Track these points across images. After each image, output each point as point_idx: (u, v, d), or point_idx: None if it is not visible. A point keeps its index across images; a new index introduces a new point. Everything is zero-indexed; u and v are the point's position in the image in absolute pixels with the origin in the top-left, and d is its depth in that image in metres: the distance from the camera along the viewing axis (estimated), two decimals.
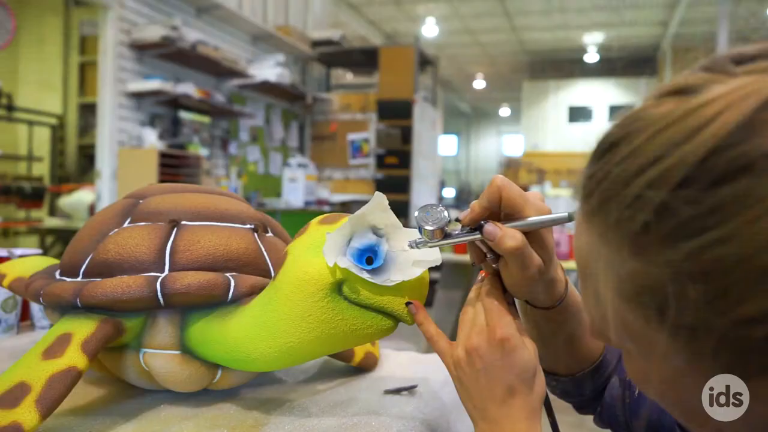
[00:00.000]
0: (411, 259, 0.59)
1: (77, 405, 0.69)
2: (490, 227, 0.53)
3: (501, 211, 0.55)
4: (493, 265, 0.57)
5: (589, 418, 0.71)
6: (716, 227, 0.30)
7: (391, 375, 0.85)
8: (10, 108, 5.52)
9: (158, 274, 0.65)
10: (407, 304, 0.60)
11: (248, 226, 0.73)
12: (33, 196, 5.51)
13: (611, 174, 0.35)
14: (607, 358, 0.67)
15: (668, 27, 10.06)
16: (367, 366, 0.85)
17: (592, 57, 11.73)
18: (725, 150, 0.30)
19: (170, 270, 0.66)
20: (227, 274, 0.66)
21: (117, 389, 0.75)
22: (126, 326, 0.65)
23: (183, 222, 0.70)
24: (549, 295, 0.59)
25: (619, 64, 12.41)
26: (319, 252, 0.58)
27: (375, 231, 0.59)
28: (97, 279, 0.66)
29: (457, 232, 0.55)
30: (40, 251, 1.12)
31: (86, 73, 5.96)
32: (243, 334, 0.63)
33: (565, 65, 12.79)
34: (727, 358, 0.32)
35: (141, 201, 0.75)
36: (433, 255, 0.59)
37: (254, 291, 0.65)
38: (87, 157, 6.00)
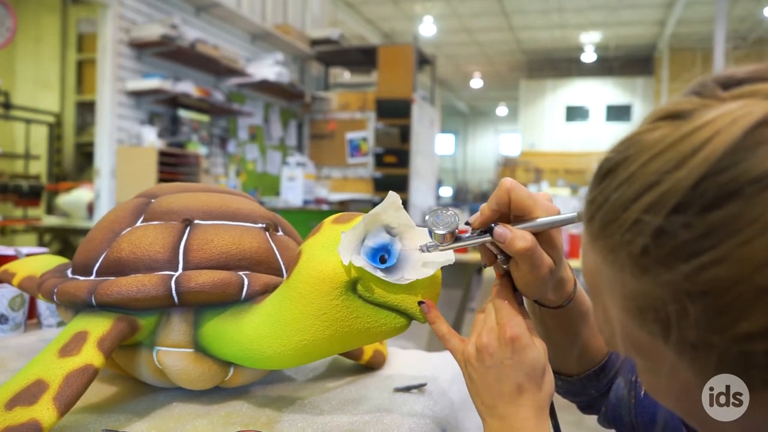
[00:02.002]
0: (424, 258, 0.60)
1: (90, 402, 0.69)
2: (500, 229, 0.54)
3: (510, 213, 0.56)
4: (504, 266, 0.58)
5: (589, 416, 0.72)
6: (710, 249, 0.32)
7: (400, 373, 0.85)
8: (7, 106, 5.49)
9: (172, 273, 0.65)
10: (420, 303, 0.60)
11: (260, 225, 0.74)
12: (30, 195, 5.50)
13: (610, 199, 0.37)
14: (612, 357, 0.68)
15: (665, 27, 10.08)
16: (375, 364, 0.85)
17: (589, 56, 11.75)
18: (715, 176, 0.32)
19: (184, 269, 0.66)
20: (240, 273, 0.67)
21: (130, 387, 0.75)
22: (140, 324, 0.65)
23: (196, 221, 0.71)
24: (558, 295, 0.60)
25: (616, 63, 12.44)
26: (334, 251, 0.59)
27: (388, 230, 0.60)
28: (111, 277, 0.67)
29: (467, 234, 0.56)
30: (46, 250, 1.13)
31: (84, 71, 5.94)
32: (257, 333, 0.63)
33: (563, 64, 12.82)
34: (730, 372, 0.34)
35: (153, 200, 0.75)
36: (446, 254, 0.60)
37: (267, 289, 0.66)
38: (84, 155, 5.99)
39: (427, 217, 0.56)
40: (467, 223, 0.56)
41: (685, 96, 0.37)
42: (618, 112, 12.49)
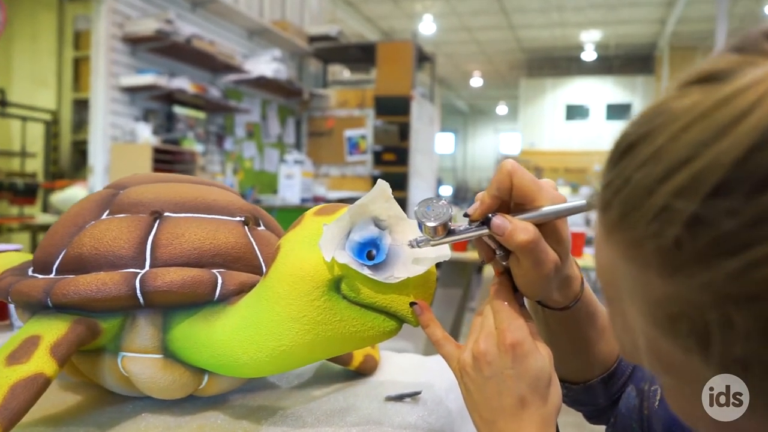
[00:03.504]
0: (416, 254, 0.53)
1: (48, 414, 0.63)
2: (498, 220, 0.47)
3: (511, 201, 0.49)
4: (503, 263, 0.51)
5: None
6: (763, 241, 0.25)
7: (393, 380, 0.79)
8: (4, 103, 5.46)
9: (138, 271, 0.59)
10: (412, 304, 0.54)
11: (238, 218, 0.67)
12: (26, 192, 5.45)
13: (632, 181, 0.30)
14: (623, 364, 0.62)
15: (666, 25, 10.03)
16: (366, 370, 0.79)
17: (589, 55, 11.69)
18: (766, 147, 0.25)
19: (151, 266, 0.60)
20: (214, 271, 0.60)
21: (94, 396, 0.69)
22: (102, 328, 0.59)
23: (166, 213, 0.64)
24: (564, 295, 0.54)
25: (616, 62, 12.39)
26: (315, 245, 0.52)
27: (377, 223, 0.54)
28: (70, 276, 0.60)
29: (462, 227, 0.50)
30: (20, 246, 1.06)
31: (80, 68, 5.88)
32: (231, 337, 0.57)
33: (563, 63, 12.76)
34: None
35: (122, 191, 0.69)
36: (441, 250, 0.54)
37: (243, 289, 0.60)
38: (81, 152, 5.94)
39: (416, 209, 0.50)
40: (466, 215, 0.50)
41: (721, 54, 0.30)
42: (618, 111, 12.43)
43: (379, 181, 0.53)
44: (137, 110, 4.09)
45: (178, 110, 4.35)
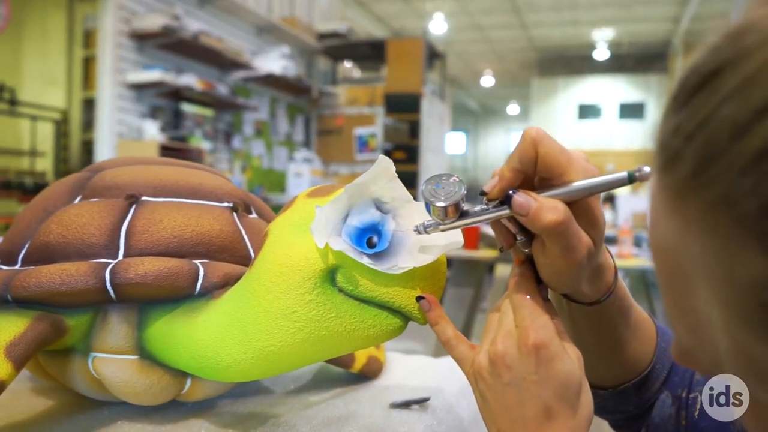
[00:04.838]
0: (424, 241, 0.46)
1: (14, 421, 0.56)
2: (520, 198, 0.40)
3: (536, 175, 0.42)
4: (525, 250, 0.44)
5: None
6: None
7: (399, 384, 0.72)
8: (14, 102, 5.45)
9: (109, 261, 0.52)
10: (418, 299, 0.47)
11: (225, 204, 0.61)
12: (35, 192, 5.43)
13: (712, 121, 0.22)
14: (657, 368, 0.54)
15: (679, 23, 9.91)
16: (369, 373, 0.72)
17: (602, 53, 11.57)
18: None
19: (125, 255, 0.53)
20: (195, 261, 0.54)
21: (66, 401, 0.62)
22: (68, 325, 0.52)
23: (143, 198, 0.57)
24: (595, 287, 0.47)
25: (629, 60, 12.25)
26: (307, 231, 0.46)
27: (379, 205, 0.47)
28: (34, 266, 0.54)
29: (477, 208, 0.43)
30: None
31: (90, 67, 5.87)
32: (213, 335, 0.50)
33: (575, 62, 12.64)
34: None
35: (97, 174, 0.62)
36: (452, 235, 0.47)
37: (228, 281, 0.53)
38: (91, 152, 5.92)
39: (422, 187, 0.42)
40: (482, 193, 0.43)
41: None
42: (631, 110, 12.28)
43: (381, 157, 0.46)
44: (144, 107, 4.05)
45: (186, 107, 4.30)
